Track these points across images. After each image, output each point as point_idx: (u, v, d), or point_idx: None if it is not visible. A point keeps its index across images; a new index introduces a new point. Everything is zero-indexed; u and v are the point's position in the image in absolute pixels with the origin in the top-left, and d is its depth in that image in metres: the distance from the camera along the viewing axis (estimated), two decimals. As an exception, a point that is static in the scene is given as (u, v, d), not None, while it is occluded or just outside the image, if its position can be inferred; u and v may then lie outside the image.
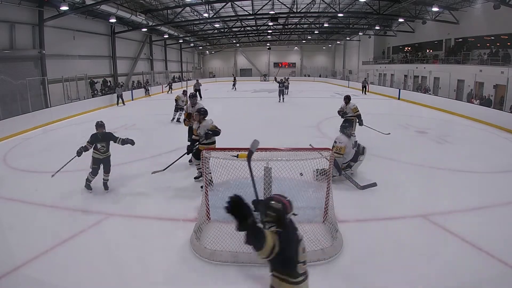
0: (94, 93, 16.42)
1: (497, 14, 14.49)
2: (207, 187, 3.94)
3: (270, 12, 19.57)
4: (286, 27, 26.94)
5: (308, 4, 20.27)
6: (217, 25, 25.53)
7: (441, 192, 5.08)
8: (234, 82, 25.26)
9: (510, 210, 4.47)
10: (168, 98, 17.04)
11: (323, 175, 3.98)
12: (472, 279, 3.03)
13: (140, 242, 3.69)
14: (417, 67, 20.96)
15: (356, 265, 3.24)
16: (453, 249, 3.52)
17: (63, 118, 12.06)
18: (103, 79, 18.08)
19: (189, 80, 27.93)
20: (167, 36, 24.50)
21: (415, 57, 22.31)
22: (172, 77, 29.16)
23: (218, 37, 31.96)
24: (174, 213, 4.34)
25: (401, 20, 21.34)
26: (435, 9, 16.41)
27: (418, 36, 22.46)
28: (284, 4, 19.15)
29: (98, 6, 13.52)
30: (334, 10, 18.82)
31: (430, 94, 17.59)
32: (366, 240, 3.68)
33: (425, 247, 3.57)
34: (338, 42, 35.92)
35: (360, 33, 28.78)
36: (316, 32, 29.71)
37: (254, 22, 26.00)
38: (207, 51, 40.46)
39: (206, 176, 4.47)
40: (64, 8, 12.13)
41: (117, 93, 16.16)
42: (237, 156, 3.48)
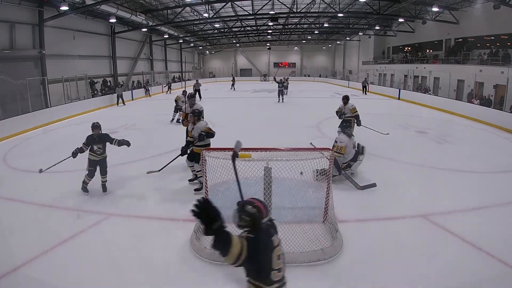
0: (94, 93, 16.42)
1: (497, 14, 14.50)
2: (207, 187, 3.93)
3: (270, 12, 19.58)
4: (286, 27, 26.94)
5: (308, 4, 20.27)
6: (217, 25, 25.54)
7: (441, 192, 5.08)
8: (233, 82, 25.26)
9: (510, 210, 4.47)
10: (168, 98, 17.05)
11: (323, 175, 3.98)
12: (472, 279, 3.03)
13: (140, 242, 3.69)
14: (417, 67, 20.95)
15: (356, 265, 3.24)
16: (453, 249, 3.52)
17: (63, 118, 12.06)
18: (103, 79, 18.09)
19: (189, 80, 28.00)
20: (167, 36, 24.51)
21: (415, 57, 22.31)
22: (172, 77, 29.16)
23: (218, 37, 31.97)
24: (174, 213, 4.34)
25: (401, 20, 21.35)
26: (435, 9, 16.42)
27: (418, 36, 22.46)
28: (284, 4, 19.16)
29: (98, 6, 13.53)
30: (334, 10, 18.82)
31: (430, 94, 17.59)
32: (366, 240, 3.68)
33: (425, 247, 3.57)
34: (338, 42, 35.94)
35: (360, 33, 28.79)
36: (316, 32, 29.72)
37: (254, 22, 26.01)
38: (207, 51, 40.48)
39: (202, 177, 4.47)
40: (64, 8, 12.14)
41: (117, 93, 16.16)
42: (237, 156, 3.47)
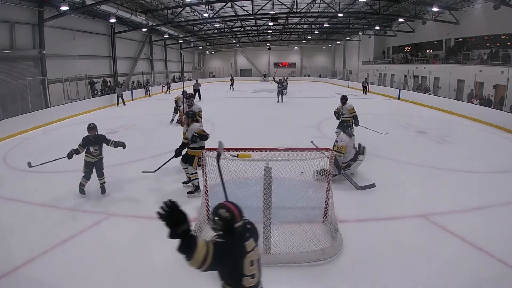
0: (94, 93, 16.42)
1: (497, 14, 14.50)
2: (207, 187, 3.93)
3: (270, 12, 19.56)
4: (286, 27, 26.94)
5: (308, 4, 20.27)
6: (217, 25, 25.52)
7: (441, 192, 5.08)
8: (232, 82, 25.11)
9: (510, 210, 4.47)
10: (168, 98, 17.04)
11: (323, 175, 3.98)
12: (472, 279, 3.03)
13: (140, 242, 3.69)
14: (417, 67, 20.95)
15: (356, 265, 3.24)
16: (453, 249, 3.52)
17: (63, 118, 12.06)
18: (103, 79, 18.09)
19: (187, 80, 27.99)
20: (167, 36, 24.50)
21: (415, 57, 22.31)
22: (172, 77, 29.16)
23: (218, 37, 31.96)
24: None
25: (401, 20, 21.34)
26: (435, 9, 16.42)
27: (418, 36, 22.46)
28: (284, 4, 19.15)
29: (98, 6, 13.53)
30: (334, 10, 18.82)
31: (430, 94, 17.59)
32: (366, 240, 3.68)
33: (425, 247, 3.57)
34: (338, 42, 35.93)
35: (360, 33, 28.78)
36: (316, 32, 29.71)
37: (254, 22, 26.00)
38: (207, 51, 40.48)
39: (196, 180, 4.47)
40: (64, 8, 12.13)
41: (117, 93, 16.16)
42: (237, 156, 3.47)
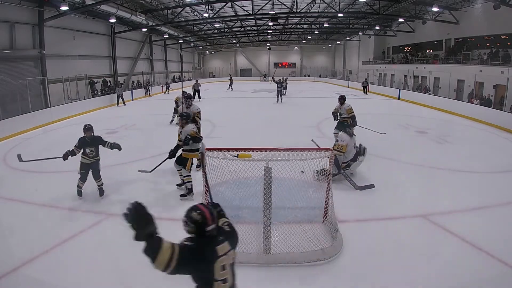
0: (94, 93, 16.42)
1: (497, 14, 14.49)
2: (208, 187, 3.92)
3: (270, 12, 19.57)
4: (286, 27, 26.93)
5: (308, 4, 20.27)
6: (217, 25, 25.52)
7: (441, 192, 5.08)
8: (231, 83, 24.95)
9: (510, 210, 4.47)
10: (168, 99, 17.03)
11: (323, 175, 3.98)
12: (472, 279, 3.03)
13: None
14: (417, 67, 20.95)
15: (356, 265, 3.24)
16: (453, 249, 3.52)
17: (63, 118, 12.05)
18: (103, 79, 18.09)
19: (188, 80, 27.94)
20: (167, 36, 24.50)
21: (415, 57, 22.31)
22: (172, 77, 29.15)
23: (218, 37, 31.96)
24: (174, 213, 4.32)
25: (401, 20, 21.34)
26: (435, 9, 16.42)
27: (418, 36, 22.46)
28: (284, 4, 19.15)
29: (98, 6, 13.52)
30: (334, 10, 18.82)
31: (430, 94, 17.59)
32: (366, 240, 3.68)
33: (425, 247, 3.57)
34: (338, 42, 35.93)
35: (360, 33, 28.78)
36: (316, 32, 29.72)
37: (254, 22, 26.00)
38: (207, 51, 40.48)
39: (189, 183, 4.46)
40: (64, 8, 12.13)
41: (118, 93, 16.17)
42: (237, 156, 3.47)
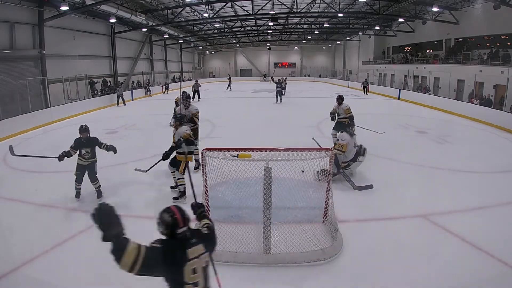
0: (94, 93, 16.42)
1: (497, 14, 14.49)
2: (207, 187, 3.92)
3: (270, 12, 19.57)
4: (286, 27, 26.93)
5: (308, 4, 20.27)
6: (217, 25, 25.52)
7: (441, 192, 5.08)
8: (230, 82, 24.84)
9: (510, 210, 4.47)
10: (168, 99, 17.05)
11: (324, 175, 3.98)
12: (472, 279, 3.03)
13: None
14: (417, 67, 20.94)
15: (356, 265, 3.24)
16: (453, 249, 3.52)
17: (63, 118, 12.05)
18: (103, 79, 18.09)
19: (188, 80, 27.90)
20: (167, 36, 24.50)
21: (415, 57, 22.30)
22: (172, 77, 29.14)
23: (218, 37, 31.96)
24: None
25: (401, 20, 21.34)
26: (435, 9, 16.42)
27: (418, 36, 22.46)
28: (284, 4, 19.14)
29: (98, 6, 13.52)
30: (334, 10, 18.82)
31: (430, 94, 17.59)
32: (366, 240, 3.68)
33: (425, 247, 3.57)
34: (338, 42, 35.93)
35: (360, 33, 28.78)
36: (316, 32, 29.71)
37: (254, 22, 25.99)
38: (207, 51, 40.48)
39: (182, 186, 4.50)
40: (64, 8, 12.13)
41: (118, 93, 16.17)
42: (237, 156, 3.47)
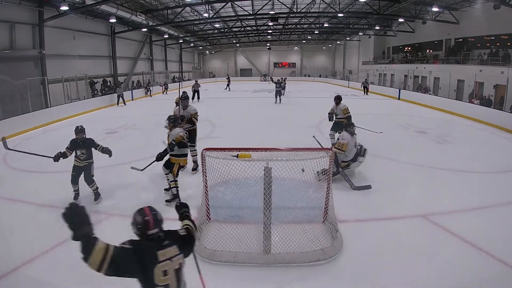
0: (94, 93, 16.42)
1: (497, 14, 14.49)
2: (207, 187, 3.92)
3: (270, 12, 19.56)
4: (286, 27, 26.93)
5: (308, 4, 20.26)
6: (217, 25, 25.52)
7: (441, 192, 5.08)
8: (228, 83, 24.83)
9: (510, 210, 4.47)
10: (168, 99, 17.04)
11: (324, 175, 3.98)
12: (472, 279, 3.03)
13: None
14: (417, 67, 20.95)
15: (356, 265, 3.24)
16: (453, 249, 3.51)
17: (63, 118, 12.04)
18: (103, 79, 18.10)
19: (188, 80, 27.88)
20: (167, 36, 24.50)
21: (415, 57, 22.30)
22: (173, 77, 29.13)
23: (218, 37, 31.96)
24: (174, 213, 4.31)
25: (401, 20, 21.33)
26: (435, 9, 16.42)
27: (418, 36, 22.46)
28: (284, 4, 19.14)
29: (98, 6, 13.52)
30: (334, 10, 18.82)
31: (430, 94, 17.59)
32: (366, 240, 3.68)
33: (425, 247, 3.57)
34: (338, 42, 35.93)
35: (360, 33, 28.77)
36: (316, 32, 29.71)
37: (254, 22, 25.99)
38: (207, 51, 40.48)
39: (174, 188, 4.49)
40: (64, 8, 12.13)
41: (118, 93, 16.18)
42: (237, 156, 3.47)
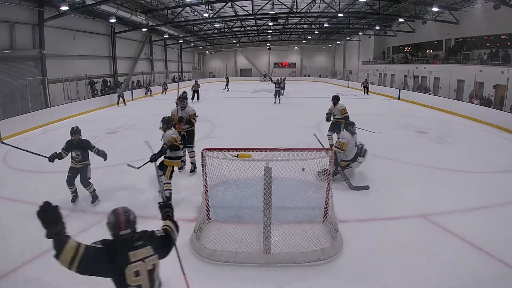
0: (94, 93, 16.43)
1: (497, 14, 14.49)
2: (207, 187, 3.92)
3: (270, 12, 19.57)
4: (286, 27, 26.94)
5: (308, 4, 20.27)
6: (217, 25, 25.53)
7: (441, 192, 5.08)
8: (227, 83, 24.82)
9: (510, 210, 4.47)
10: (167, 99, 17.04)
11: (324, 175, 3.98)
12: (472, 279, 3.03)
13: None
14: (417, 67, 20.95)
15: (356, 265, 3.24)
16: (453, 249, 3.51)
17: (63, 118, 12.03)
18: (103, 79, 18.10)
19: (188, 81, 27.88)
20: (167, 36, 24.50)
21: (415, 57, 22.31)
22: (173, 77, 29.14)
23: (218, 37, 31.96)
24: (174, 213, 4.32)
25: (401, 20, 21.34)
26: (435, 9, 16.42)
27: (418, 36, 22.46)
28: (284, 4, 19.15)
29: (98, 6, 13.52)
30: (334, 10, 18.83)
31: (430, 94, 17.60)
32: (366, 240, 3.68)
33: (425, 247, 3.57)
34: (338, 42, 35.94)
35: (360, 33, 28.78)
36: (316, 32, 29.72)
37: (254, 22, 26.00)
38: (207, 51, 40.48)
39: (167, 191, 4.50)
40: (64, 8, 12.14)
41: (118, 93, 16.18)
42: (237, 156, 3.47)
